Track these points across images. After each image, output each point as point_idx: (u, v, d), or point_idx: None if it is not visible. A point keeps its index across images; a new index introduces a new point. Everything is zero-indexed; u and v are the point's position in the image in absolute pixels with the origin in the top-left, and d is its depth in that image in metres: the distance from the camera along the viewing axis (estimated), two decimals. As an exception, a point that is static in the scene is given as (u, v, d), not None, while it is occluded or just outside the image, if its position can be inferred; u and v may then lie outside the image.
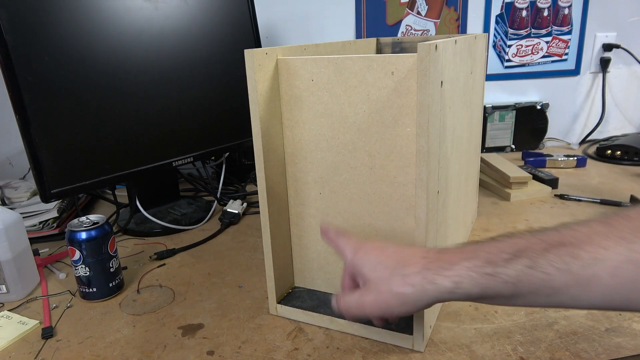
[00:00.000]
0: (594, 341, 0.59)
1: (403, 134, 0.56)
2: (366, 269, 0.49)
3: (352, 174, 0.61)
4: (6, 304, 0.73)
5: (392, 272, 0.47)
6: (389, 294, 0.46)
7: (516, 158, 1.35)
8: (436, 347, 0.59)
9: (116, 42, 0.84)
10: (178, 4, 0.93)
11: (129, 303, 0.72)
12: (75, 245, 0.69)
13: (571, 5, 1.38)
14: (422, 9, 1.35)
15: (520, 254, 0.41)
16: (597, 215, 0.42)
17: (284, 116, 0.63)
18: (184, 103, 0.95)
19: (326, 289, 0.69)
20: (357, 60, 0.56)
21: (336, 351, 0.59)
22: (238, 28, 1.05)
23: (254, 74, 0.57)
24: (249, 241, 0.91)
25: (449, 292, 0.43)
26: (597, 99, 1.48)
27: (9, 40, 0.72)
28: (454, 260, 0.44)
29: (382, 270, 0.48)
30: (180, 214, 1.02)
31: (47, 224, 0.95)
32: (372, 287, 0.48)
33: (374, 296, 0.47)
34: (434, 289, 0.44)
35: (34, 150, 0.76)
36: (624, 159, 1.29)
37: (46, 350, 0.62)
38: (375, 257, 0.49)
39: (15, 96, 0.73)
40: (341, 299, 0.50)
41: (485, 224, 0.93)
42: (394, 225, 0.61)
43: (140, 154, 0.89)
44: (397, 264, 0.47)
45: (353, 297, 0.49)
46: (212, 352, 0.60)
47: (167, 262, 0.84)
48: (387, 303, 0.46)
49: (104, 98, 0.83)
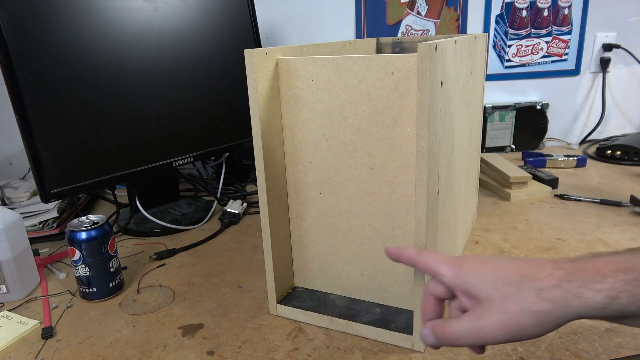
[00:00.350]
0: (594, 341, 0.59)
1: (403, 134, 0.56)
2: (481, 286, 0.41)
3: (352, 174, 0.61)
4: (6, 304, 0.73)
5: (519, 288, 0.39)
6: (521, 313, 0.38)
7: (516, 158, 1.35)
8: (436, 347, 0.59)
9: (116, 42, 0.84)
10: (178, 4, 0.93)
11: (129, 303, 0.72)
12: (75, 245, 0.69)
13: (571, 5, 1.38)
14: (422, 9, 1.35)
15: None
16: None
17: (284, 116, 0.63)
18: (184, 103, 0.95)
19: (326, 289, 0.69)
20: (357, 60, 0.56)
21: (336, 351, 0.59)
22: (238, 28, 1.05)
23: (254, 74, 0.57)
24: (249, 241, 0.91)
25: (601, 307, 0.37)
26: (597, 99, 1.48)
27: (9, 40, 0.72)
28: (604, 272, 0.38)
29: (504, 287, 0.40)
30: (180, 214, 1.02)
31: (47, 224, 0.95)
32: (493, 307, 0.40)
33: (498, 318, 0.39)
34: (580, 304, 0.37)
35: (34, 150, 0.76)
36: (624, 159, 1.29)
37: (46, 350, 0.62)
38: (489, 271, 0.41)
39: (15, 96, 0.73)
40: (442, 328, 0.42)
41: (485, 224, 0.93)
42: (394, 225, 0.61)
43: (140, 154, 0.89)
44: (523, 277, 0.40)
45: (463, 323, 0.41)
46: (212, 352, 0.60)
47: (167, 262, 0.84)
48: (519, 324, 0.39)
49: (104, 98, 0.83)
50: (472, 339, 0.40)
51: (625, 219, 0.94)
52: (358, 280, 0.66)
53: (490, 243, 0.86)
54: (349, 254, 0.65)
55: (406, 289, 0.63)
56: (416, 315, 0.57)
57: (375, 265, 0.64)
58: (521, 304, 0.39)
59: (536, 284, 0.39)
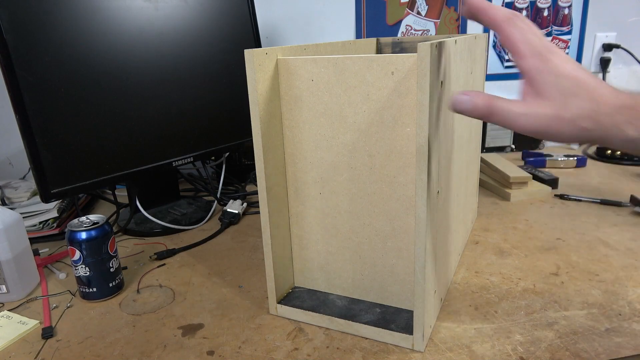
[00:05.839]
0: (594, 341, 0.59)
1: (403, 134, 0.56)
2: (551, 85, 0.44)
3: (352, 174, 0.61)
4: (6, 304, 0.73)
5: (580, 104, 0.43)
6: (568, 124, 0.43)
7: (516, 158, 1.35)
8: (436, 347, 0.59)
9: (116, 42, 0.84)
10: (178, 4, 0.93)
11: (129, 303, 0.72)
12: (75, 245, 0.69)
13: (571, 5, 1.38)
14: (422, 9, 1.35)
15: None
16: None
17: (284, 116, 0.63)
18: (184, 103, 0.95)
19: (326, 289, 0.69)
20: (357, 60, 0.56)
21: (336, 351, 0.59)
22: (238, 28, 1.05)
23: (254, 74, 0.57)
24: (249, 241, 0.91)
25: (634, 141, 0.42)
26: (597, 99, 1.48)
27: (9, 40, 0.72)
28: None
29: (570, 97, 0.43)
30: (180, 214, 1.02)
31: (47, 224, 0.95)
32: (549, 105, 0.43)
33: (549, 115, 0.43)
34: (618, 135, 0.42)
35: (34, 150, 0.76)
36: (624, 159, 1.29)
37: (46, 350, 0.62)
38: (567, 78, 0.44)
39: (15, 96, 0.73)
40: (491, 99, 0.46)
41: (485, 224, 0.93)
42: (394, 225, 0.61)
43: (140, 154, 0.89)
44: (591, 97, 0.43)
45: (516, 105, 0.45)
46: (212, 352, 0.60)
47: (167, 262, 0.84)
48: (559, 128, 0.43)
49: (104, 98, 0.83)
50: (516, 120, 0.44)
51: (625, 219, 0.94)
52: (358, 280, 0.66)
53: (490, 243, 0.86)
54: (349, 254, 0.65)
55: (406, 289, 0.63)
56: (416, 315, 0.57)
57: (375, 265, 0.64)
58: (574, 116, 0.43)
59: (596, 106, 0.42)
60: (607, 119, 0.42)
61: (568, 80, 0.43)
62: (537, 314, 0.65)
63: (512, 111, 0.45)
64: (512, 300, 0.68)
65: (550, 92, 0.44)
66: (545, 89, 0.44)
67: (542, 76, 0.44)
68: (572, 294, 0.69)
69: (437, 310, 0.65)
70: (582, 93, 0.43)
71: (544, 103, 0.44)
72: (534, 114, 0.44)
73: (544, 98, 0.44)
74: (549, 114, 0.44)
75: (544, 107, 0.44)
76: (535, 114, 0.44)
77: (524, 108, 0.45)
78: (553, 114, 0.43)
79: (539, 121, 0.44)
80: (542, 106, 0.44)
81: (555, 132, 0.44)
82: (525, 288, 0.71)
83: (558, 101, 0.43)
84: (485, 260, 0.80)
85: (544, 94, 0.44)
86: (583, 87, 0.43)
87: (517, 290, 0.71)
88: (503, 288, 0.71)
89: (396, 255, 0.62)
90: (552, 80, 0.44)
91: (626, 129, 0.42)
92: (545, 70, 0.44)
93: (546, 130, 0.44)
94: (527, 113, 0.44)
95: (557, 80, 0.44)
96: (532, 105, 0.44)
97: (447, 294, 0.71)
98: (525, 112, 0.44)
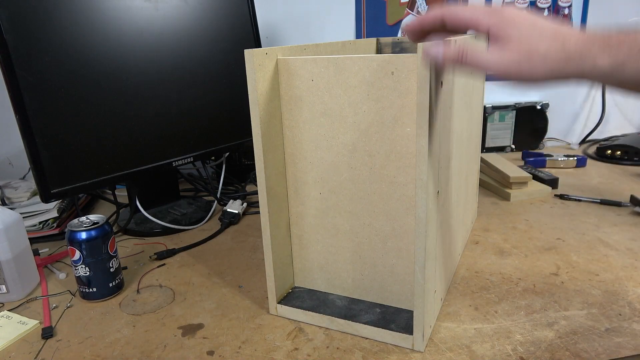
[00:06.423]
0: (594, 341, 0.59)
1: (403, 134, 0.56)
2: (514, 29, 0.45)
3: (352, 174, 0.61)
4: (6, 304, 0.73)
5: (547, 40, 0.44)
6: (540, 56, 0.44)
7: (516, 158, 1.35)
8: (436, 347, 0.59)
9: (116, 42, 0.84)
10: (178, 4, 0.93)
11: (129, 303, 0.72)
12: (75, 245, 0.69)
13: (571, 5, 1.38)
14: (422, 9, 1.35)
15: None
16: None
17: (284, 116, 0.63)
18: (184, 103, 0.95)
19: (326, 289, 0.69)
20: (357, 60, 0.56)
21: (336, 351, 0.59)
22: (238, 28, 1.05)
23: (254, 74, 0.57)
24: (249, 241, 0.91)
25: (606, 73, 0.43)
26: (597, 99, 1.48)
27: (9, 40, 0.72)
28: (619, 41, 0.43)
29: (536, 37, 0.45)
30: (180, 214, 1.02)
31: (47, 224, 0.95)
32: (519, 42, 0.45)
33: (520, 49, 0.45)
34: (591, 65, 0.43)
35: (34, 150, 0.76)
36: (624, 159, 1.29)
37: (46, 350, 0.62)
38: (527, 22, 0.45)
39: (15, 96, 0.73)
40: (463, 49, 0.47)
41: (485, 224, 0.93)
42: (394, 225, 0.61)
43: (140, 154, 0.89)
44: (555, 34, 0.44)
45: (489, 52, 0.46)
46: (212, 352, 0.60)
47: (167, 262, 0.84)
48: (530, 59, 0.44)
49: (104, 98, 0.83)
50: (489, 60, 0.46)
51: (625, 219, 0.94)
52: (358, 280, 0.66)
53: (490, 243, 0.86)
54: (349, 254, 0.65)
55: (406, 289, 0.63)
56: (416, 315, 0.57)
57: (375, 265, 0.64)
58: (544, 53, 0.44)
59: (561, 43, 0.44)
60: (577, 52, 0.43)
61: (527, 26, 0.45)
62: (537, 314, 0.65)
63: (483, 52, 0.47)
64: (512, 300, 0.68)
65: (516, 40, 0.45)
66: (511, 39, 0.45)
67: (504, 29, 0.46)
68: (572, 294, 0.69)
69: (437, 310, 0.65)
70: (546, 33, 0.44)
71: (513, 48, 0.45)
72: (507, 57, 0.45)
73: (511, 46, 0.45)
74: (520, 55, 0.45)
75: (513, 52, 0.45)
76: (509, 57, 0.45)
77: (496, 52, 0.46)
78: (524, 55, 0.44)
79: (511, 61, 0.45)
80: (512, 51, 0.45)
81: (527, 71, 0.45)
82: (525, 288, 0.71)
83: (525, 45, 0.45)
84: (485, 260, 0.80)
85: (510, 43, 0.45)
86: (544, 28, 0.45)
87: (517, 290, 0.71)
88: (503, 288, 0.71)
89: (396, 255, 0.62)
90: (513, 31, 0.45)
91: (600, 58, 0.42)
92: (504, 23, 0.46)
93: (519, 69, 0.45)
94: (500, 56, 0.45)
95: (519, 28, 0.45)
96: (502, 52, 0.46)
97: (447, 294, 0.71)
98: (497, 55, 0.46)
